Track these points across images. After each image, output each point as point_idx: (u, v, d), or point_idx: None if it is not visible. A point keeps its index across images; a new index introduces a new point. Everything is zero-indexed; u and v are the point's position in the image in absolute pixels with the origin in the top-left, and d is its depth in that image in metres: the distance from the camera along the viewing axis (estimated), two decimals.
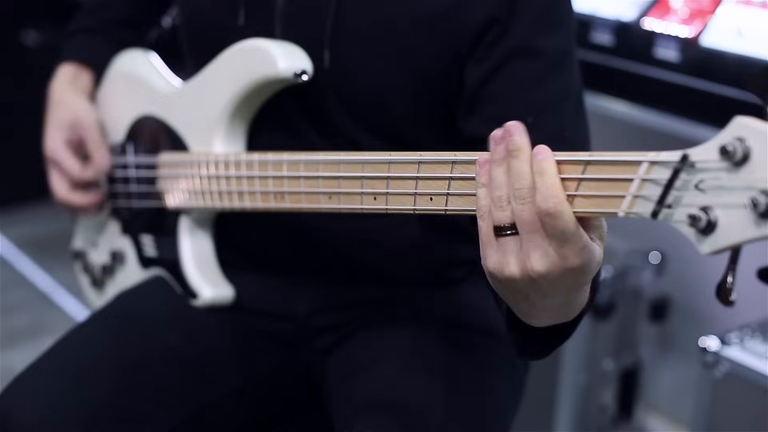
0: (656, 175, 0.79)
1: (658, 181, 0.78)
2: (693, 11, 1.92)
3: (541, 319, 0.93)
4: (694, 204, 0.76)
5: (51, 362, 1.27)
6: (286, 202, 1.14)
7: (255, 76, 1.19)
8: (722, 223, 0.74)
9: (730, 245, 0.74)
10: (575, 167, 0.84)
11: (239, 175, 1.19)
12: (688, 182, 0.77)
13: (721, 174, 0.74)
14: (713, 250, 0.75)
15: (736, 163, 0.73)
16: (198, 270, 1.33)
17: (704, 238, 0.75)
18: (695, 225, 0.75)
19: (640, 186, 0.80)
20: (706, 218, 0.75)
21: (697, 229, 0.75)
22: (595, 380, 2.06)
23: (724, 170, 0.74)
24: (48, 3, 3.23)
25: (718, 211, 0.74)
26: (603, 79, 1.98)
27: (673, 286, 2.14)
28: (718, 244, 0.75)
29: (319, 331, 1.33)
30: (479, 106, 1.14)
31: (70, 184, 1.40)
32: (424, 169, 0.97)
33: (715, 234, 0.75)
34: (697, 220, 0.75)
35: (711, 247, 0.75)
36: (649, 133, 2.01)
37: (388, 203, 1.01)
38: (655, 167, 0.79)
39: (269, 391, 1.36)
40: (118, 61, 1.45)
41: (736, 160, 0.73)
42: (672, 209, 0.78)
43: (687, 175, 0.77)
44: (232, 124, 1.25)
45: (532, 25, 1.12)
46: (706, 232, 0.75)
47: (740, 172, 0.73)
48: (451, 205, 0.95)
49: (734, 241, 0.74)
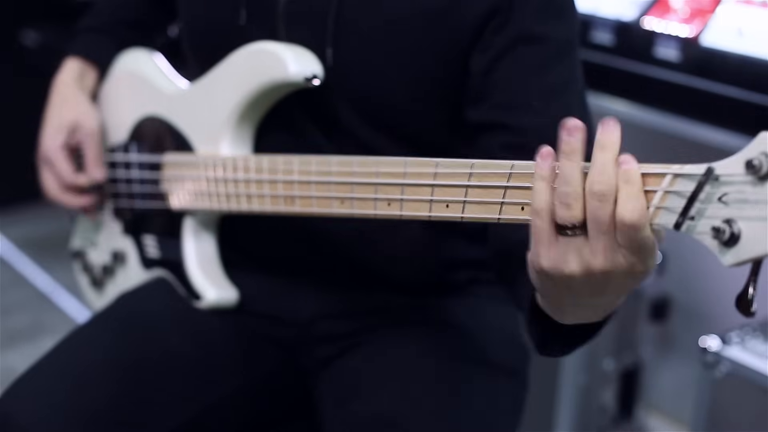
0: (680, 187, 0.79)
1: (682, 193, 0.78)
2: (693, 11, 1.91)
3: (576, 315, 0.90)
4: (717, 216, 0.76)
5: (52, 364, 1.27)
6: (296, 206, 1.13)
7: (265, 80, 1.19)
8: (745, 235, 0.75)
9: (752, 257, 0.75)
10: None
11: (248, 179, 1.19)
12: (711, 195, 0.77)
13: (745, 187, 0.75)
14: (736, 262, 0.76)
15: (761, 178, 0.74)
16: (202, 272, 1.32)
17: (727, 250, 0.76)
18: (718, 237, 0.76)
19: (663, 198, 0.80)
20: (730, 231, 0.75)
21: (720, 241, 0.76)
22: (596, 380, 2.06)
23: (749, 184, 0.75)
24: (48, 3, 3.23)
25: (742, 223, 0.75)
26: (603, 79, 1.98)
27: (674, 286, 2.14)
28: (741, 256, 0.75)
29: (321, 339, 1.32)
30: (485, 93, 1.14)
31: (62, 186, 1.40)
32: (441, 176, 0.96)
33: (738, 246, 0.75)
34: (721, 233, 0.76)
35: (734, 259, 0.76)
36: (649, 132, 2.00)
37: (403, 209, 1.00)
38: (678, 179, 0.79)
39: (269, 395, 1.35)
40: (122, 60, 1.44)
41: (761, 175, 0.74)
42: (695, 221, 0.78)
43: (711, 188, 0.77)
44: (240, 127, 1.24)
45: (534, 14, 1.13)
46: (729, 244, 0.76)
47: (765, 187, 0.74)
48: (468, 212, 0.95)
49: (757, 254, 0.74)
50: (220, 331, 1.33)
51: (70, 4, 2.86)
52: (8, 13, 3.26)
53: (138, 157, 1.38)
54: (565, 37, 1.16)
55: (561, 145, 0.83)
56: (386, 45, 1.16)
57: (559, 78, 1.14)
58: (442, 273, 1.32)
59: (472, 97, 1.16)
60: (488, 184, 0.92)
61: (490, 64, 1.13)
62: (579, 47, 1.19)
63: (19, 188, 3.32)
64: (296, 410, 1.41)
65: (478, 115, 1.15)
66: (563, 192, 0.82)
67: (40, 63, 3.11)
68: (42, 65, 3.03)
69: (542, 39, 1.13)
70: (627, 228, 0.79)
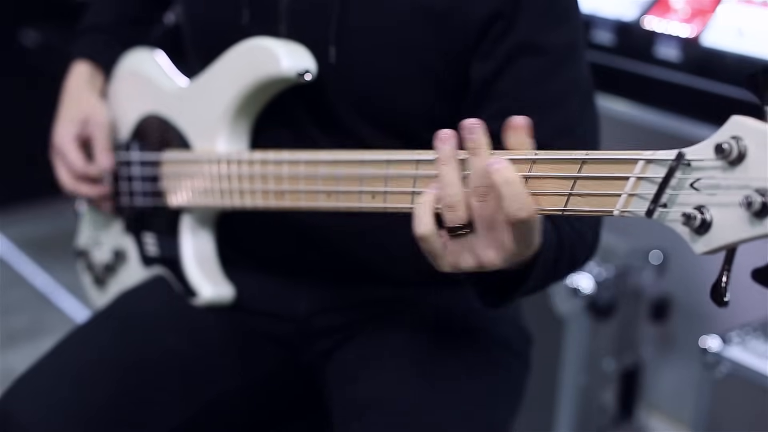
0: (652, 173, 0.78)
1: (654, 179, 0.78)
2: (694, 10, 1.91)
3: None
4: (689, 203, 0.76)
5: (52, 363, 1.27)
6: (285, 200, 1.14)
7: (258, 75, 1.19)
8: (717, 222, 0.74)
9: (724, 245, 0.74)
10: (571, 166, 0.84)
11: (240, 174, 1.19)
12: (683, 181, 0.76)
13: (716, 173, 0.74)
14: (708, 250, 0.75)
15: (732, 162, 0.73)
16: (199, 268, 1.32)
17: (699, 238, 0.75)
18: (689, 224, 0.75)
19: (635, 184, 0.79)
20: (701, 217, 0.74)
21: (692, 228, 0.75)
22: (596, 380, 2.06)
23: (719, 169, 0.74)
24: (48, 3, 3.23)
25: (713, 210, 0.74)
26: (603, 79, 1.97)
27: (674, 286, 2.14)
28: (713, 243, 0.74)
29: (319, 333, 1.32)
30: (486, 102, 1.14)
31: (75, 177, 1.41)
32: (423, 167, 0.97)
33: (710, 233, 0.74)
34: (692, 219, 0.75)
35: (705, 247, 0.75)
36: (649, 132, 2.00)
37: (387, 201, 1.01)
38: (650, 165, 0.79)
39: (269, 392, 1.36)
40: (126, 60, 1.45)
41: (731, 159, 0.73)
42: (667, 208, 0.77)
43: (682, 174, 0.76)
44: (236, 123, 1.24)
45: (537, 20, 1.12)
46: (700, 231, 0.75)
47: (735, 171, 0.73)
48: None
49: (729, 241, 0.74)
50: (218, 329, 1.33)
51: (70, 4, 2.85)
52: (8, 13, 3.26)
53: (138, 155, 1.38)
54: (569, 41, 1.15)
55: (437, 153, 0.90)
56: (389, 44, 1.16)
57: (562, 85, 1.14)
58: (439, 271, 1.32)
59: (473, 105, 1.15)
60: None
61: (492, 73, 1.13)
62: (583, 52, 1.19)
63: (19, 188, 3.32)
64: (296, 408, 1.41)
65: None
66: (447, 194, 0.89)
67: (40, 63, 3.12)
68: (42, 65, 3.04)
69: (546, 48, 1.13)
70: (519, 223, 0.85)
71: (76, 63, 1.48)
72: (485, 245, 0.88)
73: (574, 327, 1.96)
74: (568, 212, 0.85)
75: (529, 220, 0.85)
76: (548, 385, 2.01)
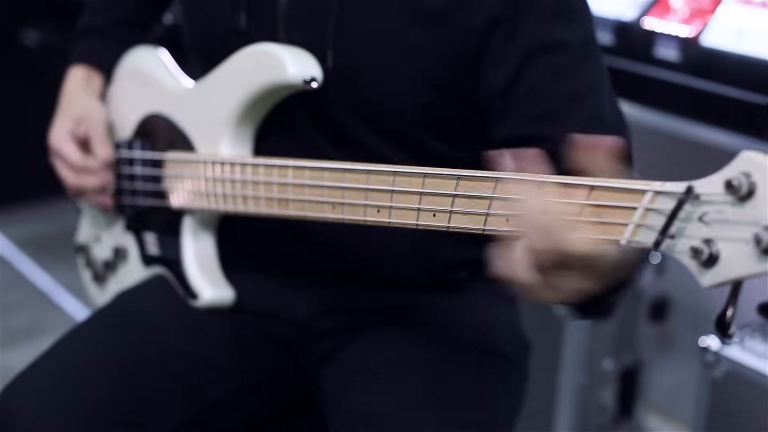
0: (660, 205, 0.79)
1: (662, 211, 0.78)
2: (693, 11, 1.91)
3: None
4: (696, 236, 0.76)
5: (51, 362, 1.27)
6: (289, 209, 1.14)
7: (264, 81, 1.19)
8: (724, 256, 0.74)
9: (731, 279, 0.75)
10: (580, 191, 0.83)
11: (244, 179, 1.19)
12: (691, 214, 0.77)
13: (725, 207, 0.75)
14: (714, 283, 0.75)
15: (741, 198, 0.74)
16: (199, 270, 1.32)
17: (706, 271, 0.76)
18: (697, 257, 0.76)
19: (643, 215, 0.80)
20: (708, 251, 0.75)
21: (699, 261, 0.76)
22: (595, 380, 2.06)
23: (728, 204, 0.74)
24: (48, 3, 3.22)
25: (721, 244, 0.75)
26: None
27: (674, 286, 2.14)
28: (720, 277, 0.75)
29: (319, 335, 1.32)
30: (513, 106, 1.12)
31: (76, 171, 1.40)
32: (429, 184, 0.97)
33: (717, 267, 0.75)
34: (699, 253, 0.75)
35: (712, 280, 0.75)
36: (649, 132, 2.00)
37: (391, 217, 1.01)
38: (659, 197, 0.79)
39: (268, 394, 1.36)
40: (129, 58, 1.45)
41: (741, 195, 0.73)
42: (674, 240, 0.78)
43: (691, 207, 0.77)
44: (240, 127, 1.24)
45: (545, 21, 1.12)
46: (707, 264, 0.75)
47: (744, 207, 0.73)
48: (454, 222, 0.95)
49: (735, 275, 0.74)
50: (219, 330, 1.33)
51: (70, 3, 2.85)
52: (8, 13, 3.26)
53: (141, 154, 1.38)
54: (582, 39, 1.15)
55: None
56: (387, 48, 1.16)
57: (584, 81, 1.13)
58: (440, 273, 1.32)
59: (499, 112, 1.14)
60: (476, 194, 0.92)
61: (512, 77, 1.12)
62: (599, 47, 1.18)
63: (19, 188, 3.32)
64: (296, 409, 1.41)
65: (510, 131, 1.13)
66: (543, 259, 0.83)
67: (40, 63, 3.11)
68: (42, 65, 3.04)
69: (559, 45, 1.12)
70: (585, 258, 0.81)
71: (72, 68, 1.48)
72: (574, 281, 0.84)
73: (574, 327, 1.96)
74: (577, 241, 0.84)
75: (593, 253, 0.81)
76: (548, 384, 2.01)
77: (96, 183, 1.40)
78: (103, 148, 1.39)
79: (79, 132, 1.41)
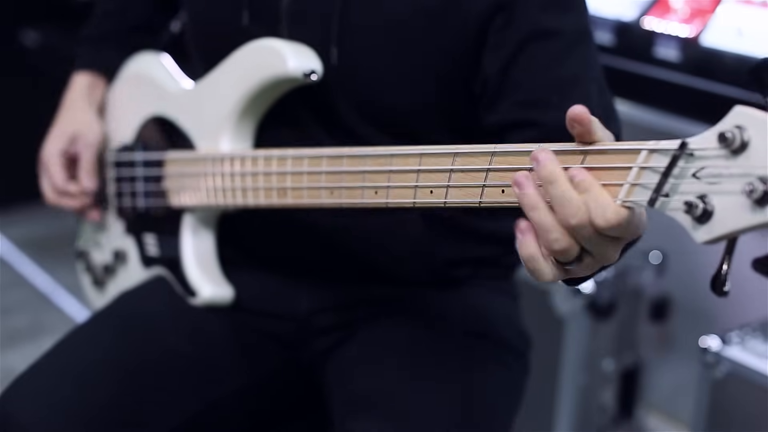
0: (654, 162, 0.79)
1: (656, 168, 0.78)
2: (693, 11, 1.91)
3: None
4: (691, 192, 0.76)
5: (52, 363, 1.27)
6: (288, 198, 1.14)
7: (265, 75, 1.20)
8: (718, 210, 0.74)
9: (726, 233, 0.74)
10: (575, 157, 0.84)
11: (243, 172, 1.20)
12: (685, 170, 0.77)
13: (718, 161, 0.75)
14: (709, 238, 0.75)
15: (735, 151, 0.73)
16: (198, 268, 1.32)
17: (700, 226, 0.75)
18: (691, 212, 0.75)
19: (638, 174, 0.80)
20: (702, 206, 0.75)
21: (693, 216, 0.75)
22: (595, 380, 2.06)
23: (722, 158, 0.74)
24: (48, 3, 3.23)
25: (715, 198, 0.74)
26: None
27: (674, 286, 2.14)
28: (714, 232, 0.74)
29: (319, 332, 1.33)
30: (504, 93, 1.14)
31: (56, 192, 1.44)
32: (426, 161, 0.97)
33: (711, 222, 0.75)
34: (694, 208, 0.75)
35: (707, 235, 0.75)
36: (649, 132, 2.00)
37: (389, 197, 1.01)
38: (653, 155, 0.79)
39: (270, 392, 1.36)
40: (131, 63, 1.45)
41: (734, 148, 0.73)
42: (669, 197, 0.77)
43: (685, 163, 0.77)
44: (241, 123, 1.25)
45: (542, 8, 1.13)
46: (702, 220, 0.75)
47: (738, 160, 0.73)
48: (451, 197, 0.95)
49: (730, 229, 0.74)
50: (219, 329, 1.33)
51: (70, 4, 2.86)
52: (8, 13, 3.26)
53: (142, 156, 1.38)
54: (576, 27, 1.16)
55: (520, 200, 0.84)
56: (390, 44, 1.17)
57: (576, 68, 1.14)
58: (441, 270, 1.32)
59: (490, 98, 1.15)
60: (473, 167, 0.92)
61: (506, 62, 1.13)
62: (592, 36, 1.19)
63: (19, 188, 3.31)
64: (297, 408, 1.41)
65: (501, 115, 1.14)
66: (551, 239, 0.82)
67: (40, 63, 3.12)
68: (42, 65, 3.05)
69: (554, 33, 1.13)
70: (610, 230, 0.80)
71: (76, 75, 1.49)
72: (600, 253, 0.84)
73: (574, 327, 1.96)
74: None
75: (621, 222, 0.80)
76: (548, 385, 2.01)
77: (73, 206, 1.44)
78: (88, 179, 1.42)
79: (71, 151, 1.44)
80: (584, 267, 0.86)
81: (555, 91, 1.11)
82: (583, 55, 1.15)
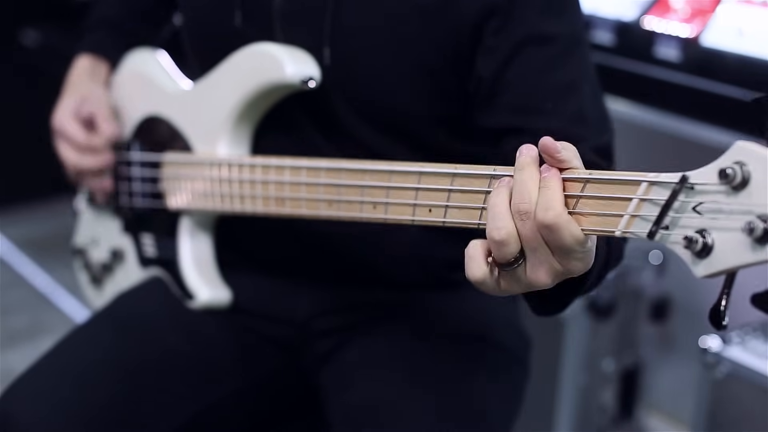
0: (655, 195, 0.78)
1: (656, 201, 0.78)
2: (693, 10, 1.91)
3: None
4: (690, 226, 0.76)
5: (52, 364, 1.27)
6: (286, 207, 1.14)
7: (262, 81, 1.19)
8: (718, 246, 0.74)
9: (725, 269, 0.74)
10: (575, 185, 0.84)
11: (241, 179, 1.19)
12: (686, 204, 0.76)
13: (719, 197, 0.74)
14: (708, 274, 0.75)
15: (735, 187, 0.73)
16: (196, 271, 1.32)
17: (699, 261, 0.75)
18: (691, 247, 0.75)
19: (638, 206, 0.79)
20: (702, 241, 0.75)
21: (693, 251, 0.75)
22: (596, 380, 2.06)
23: (722, 194, 0.74)
24: (48, 3, 3.23)
25: (715, 234, 0.74)
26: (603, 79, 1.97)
27: (674, 286, 2.14)
28: (713, 267, 0.75)
29: (318, 335, 1.32)
30: (497, 96, 1.13)
31: (78, 150, 1.38)
32: (425, 179, 0.97)
33: (711, 257, 0.75)
34: (693, 243, 0.75)
35: (706, 270, 0.75)
36: (649, 132, 2.00)
37: (387, 213, 1.01)
38: (653, 187, 0.79)
39: (268, 394, 1.35)
40: (129, 60, 1.44)
41: (735, 184, 0.73)
42: (669, 231, 0.77)
43: (685, 197, 0.76)
44: (238, 127, 1.24)
45: (538, 12, 1.12)
46: (701, 255, 0.75)
47: (738, 196, 0.73)
48: (450, 217, 0.95)
49: (729, 265, 0.74)
50: (219, 331, 1.33)
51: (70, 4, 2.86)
52: (8, 13, 3.26)
53: (139, 156, 1.38)
54: (571, 32, 1.15)
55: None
56: (383, 44, 1.16)
57: (569, 75, 1.14)
58: (439, 273, 1.32)
59: (484, 101, 1.15)
60: (472, 189, 0.92)
61: (500, 65, 1.13)
62: (587, 40, 1.19)
63: (19, 188, 3.33)
64: (296, 410, 1.41)
65: (494, 120, 1.14)
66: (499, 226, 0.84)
67: (40, 63, 3.12)
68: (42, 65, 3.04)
69: (549, 38, 1.13)
70: (543, 229, 0.81)
71: (78, 57, 1.47)
72: (533, 267, 0.85)
73: (574, 327, 1.96)
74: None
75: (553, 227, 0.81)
76: (548, 385, 2.01)
77: (97, 163, 1.38)
78: (108, 125, 1.38)
79: (83, 111, 1.39)
80: (517, 277, 0.86)
81: (550, 97, 1.11)
82: (578, 61, 1.15)
